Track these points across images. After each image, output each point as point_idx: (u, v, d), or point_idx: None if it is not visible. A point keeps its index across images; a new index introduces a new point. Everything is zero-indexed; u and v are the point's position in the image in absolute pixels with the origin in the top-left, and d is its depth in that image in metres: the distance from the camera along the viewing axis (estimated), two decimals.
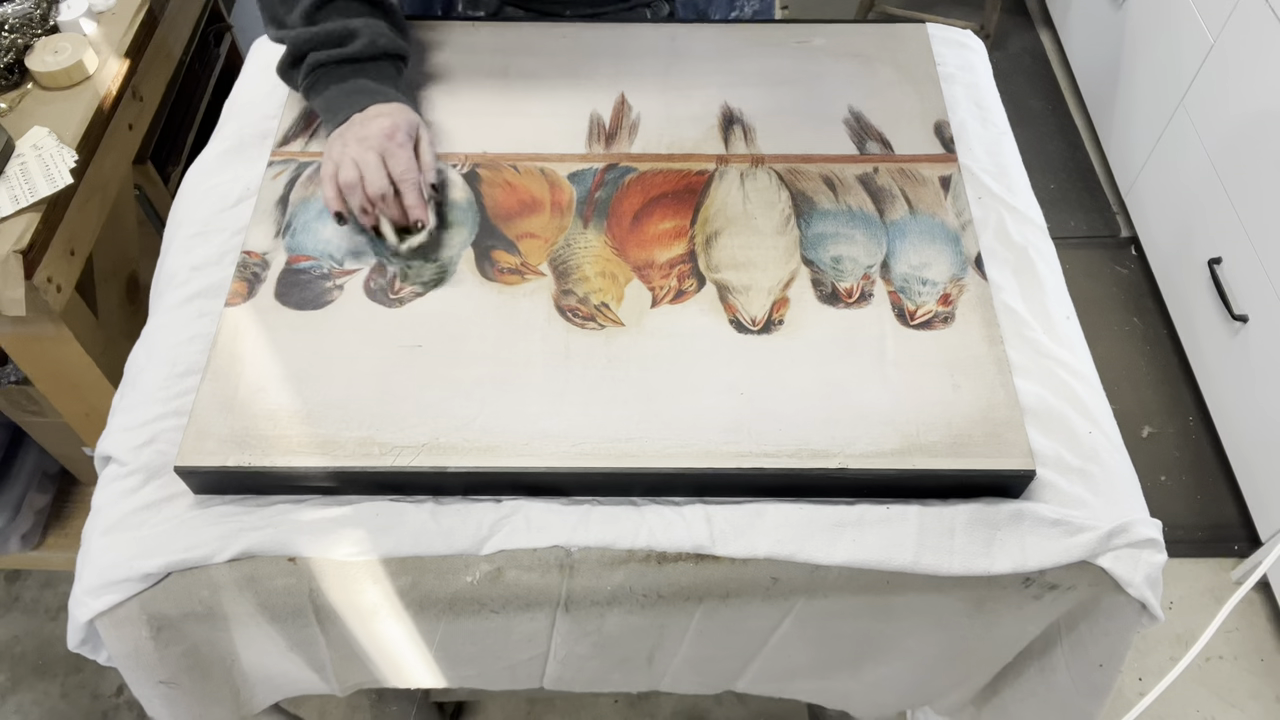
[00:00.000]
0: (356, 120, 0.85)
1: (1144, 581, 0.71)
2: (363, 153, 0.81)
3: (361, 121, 0.84)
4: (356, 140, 0.82)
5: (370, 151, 0.81)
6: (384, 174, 0.81)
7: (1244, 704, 1.51)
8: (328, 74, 0.88)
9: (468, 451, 0.72)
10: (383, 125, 0.82)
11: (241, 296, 0.81)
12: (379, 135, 0.82)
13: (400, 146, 0.82)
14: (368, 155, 0.81)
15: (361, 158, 0.81)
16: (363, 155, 0.81)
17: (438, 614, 0.75)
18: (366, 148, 0.81)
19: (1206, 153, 1.73)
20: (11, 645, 1.58)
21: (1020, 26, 2.65)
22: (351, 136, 0.83)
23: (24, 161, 1.07)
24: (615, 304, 0.81)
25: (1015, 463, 0.72)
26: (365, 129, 0.83)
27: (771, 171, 0.90)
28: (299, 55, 0.89)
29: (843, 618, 0.77)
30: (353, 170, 0.81)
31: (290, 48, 0.88)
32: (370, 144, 0.81)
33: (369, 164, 0.81)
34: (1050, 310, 0.84)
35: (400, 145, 0.82)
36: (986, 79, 1.06)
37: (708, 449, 0.73)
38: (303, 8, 0.87)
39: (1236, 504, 1.71)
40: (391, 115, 0.84)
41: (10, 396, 1.32)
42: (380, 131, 0.82)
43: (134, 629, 0.73)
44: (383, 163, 0.81)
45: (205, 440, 0.72)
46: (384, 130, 0.82)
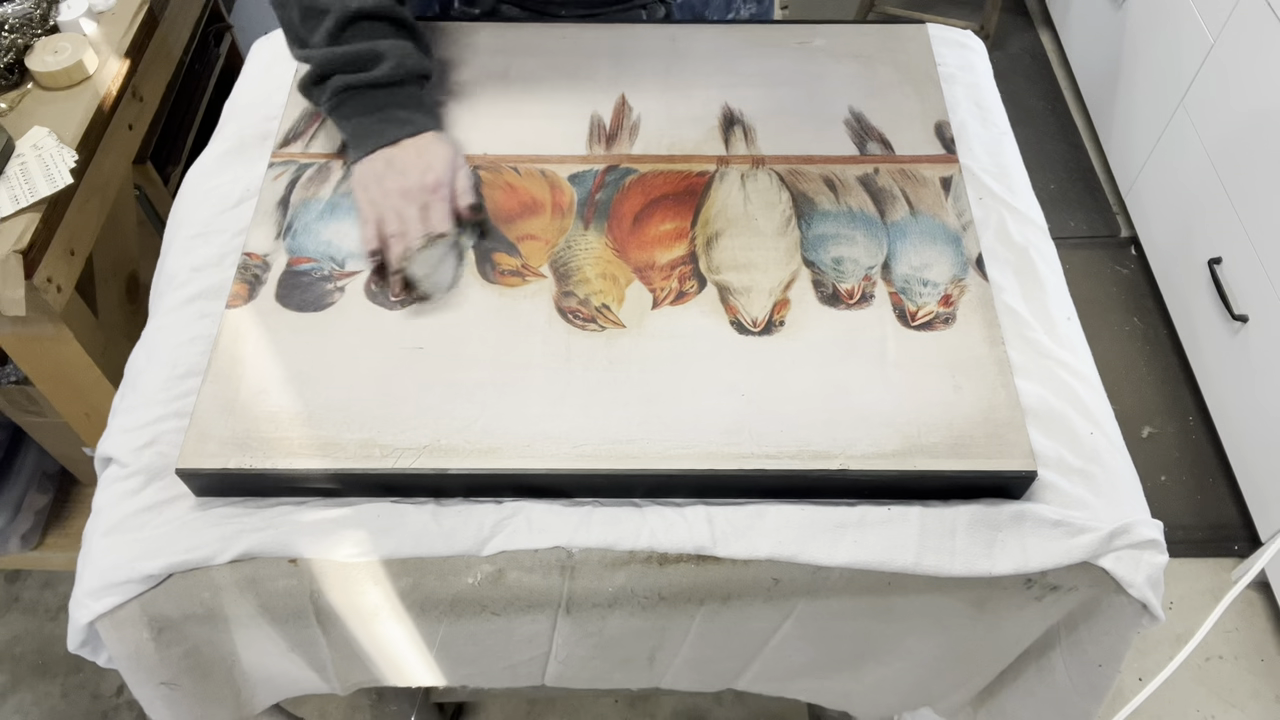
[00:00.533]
0: (388, 157, 0.84)
1: (1145, 582, 0.71)
2: (405, 205, 0.82)
3: (399, 166, 0.83)
4: (399, 192, 0.82)
5: (413, 205, 0.82)
6: (423, 227, 0.82)
7: (1244, 704, 1.51)
8: (353, 99, 0.86)
9: (469, 453, 0.72)
10: (425, 179, 0.83)
11: (242, 298, 0.81)
12: (422, 189, 0.83)
13: (442, 200, 0.83)
14: (409, 209, 0.82)
15: (404, 211, 0.82)
16: (405, 209, 0.82)
17: (439, 615, 0.75)
18: (409, 200, 0.82)
19: (1206, 153, 1.73)
20: (11, 645, 1.58)
21: (1020, 26, 2.65)
22: (393, 186, 0.83)
23: (24, 161, 1.07)
24: (616, 305, 0.81)
25: (1016, 464, 0.72)
26: (406, 178, 0.83)
27: (772, 172, 0.90)
28: (323, 76, 0.87)
29: (844, 619, 0.77)
30: (396, 223, 0.82)
31: (314, 68, 0.86)
32: (413, 197, 0.82)
33: (411, 218, 0.82)
34: (1051, 311, 0.84)
35: (442, 199, 0.83)
36: (987, 79, 1.05)
37: (709, 450, 0.73)
38: (326, 28, 0.85)
39: (1236, 504, 1.72)
40: (430, 161, 0.84)
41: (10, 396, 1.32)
42: (423, 185, 0.83)
43: (135, 630, 0.73)
44: (422, 214, 0.82)
45: (206, 442, 0.72)
46: (427, 184, 0.83)
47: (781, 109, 0.96)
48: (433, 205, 0.82)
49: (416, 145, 0.85)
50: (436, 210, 0.82)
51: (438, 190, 0.83)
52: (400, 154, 0.84)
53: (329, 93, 0.86)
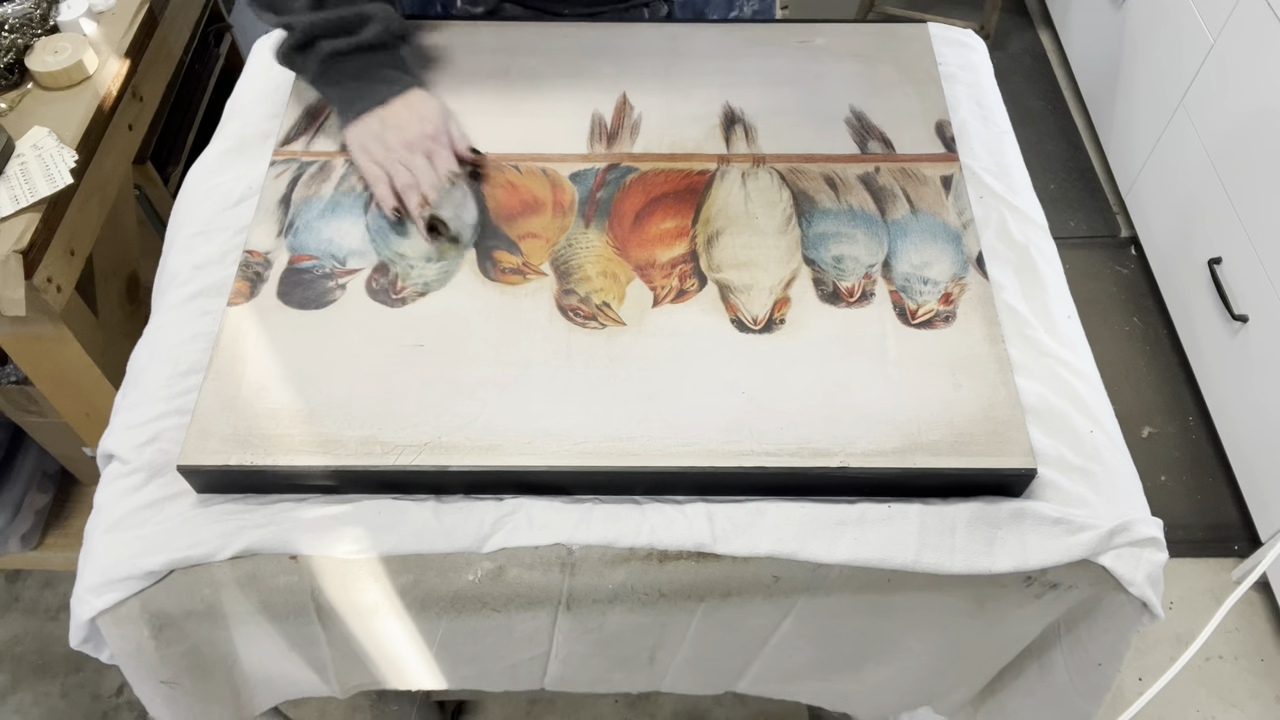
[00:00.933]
0: (382, 116, 0.87)
1: (1145, 580, 0.71)
2: (410, 156, 0.85)
3: (395, 122, 0.86)
4: (402, 145, 0.85)
5: (418, 155, 0.85)
6: (434, 173, 0.85)
7: (1244, 704, 1.51)
8: (341, 64, 0.88)
9: (469, 450, 0.72)
10: (425, 129, 0.86)
11: (244, 296, 0.81)
12: (422, 137, 0.85)
13: (444, 146, 0.86)
14: (416, 159, 0.85)
15: (411, 162, 0.85)
16: (411, 159, 0.85)
17: (439, 612, 0.75)
18: (414, 151, 0.85)
19: (1206, 153, 1.73)
20: (11, 645, 1.58)
21: (1020, 26, 2.66)
22: (395, 140, 0.85)
23: (24, 161, 1.07)
24: (617, 303, 0.81)
25: (1016, 461, 0.72)
26: (405, 132, 0.85)
27: (773, 171, 0.91)
28: (307, 42, 0.88)
29: (844, 616, 0.78)
30: (407, 175, 0.84)
31: (297, 34, 0.87)
32: (417, 147, 0.85)
33: (420, 167, 0.84)
34: (1051, 309, 0.85)
35: (443, 145, 0.86)
36: (988, 78, 1.06)
37: (709, 448, 0.73)
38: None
39: (1236, 504, 1.72)
40: (423, 113, 0.87)
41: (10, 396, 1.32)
42: (423, 134, 0.86)
43: (136, 627, 0.73)
44: (430, 162, 0.85)
45: (208, 439, 0.72)
46: (427, 133, 0.86)
47: (782, 108, 0.96)
48: (436, 151, 0.86)
49: (406, 101, 0.88)
50: (441, 155, 0.86)
51: (438, 138, 0.86)
52: (392, 112, 0.87)
53: (316, 59, 0.88)
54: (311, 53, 0.88)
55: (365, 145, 0.87)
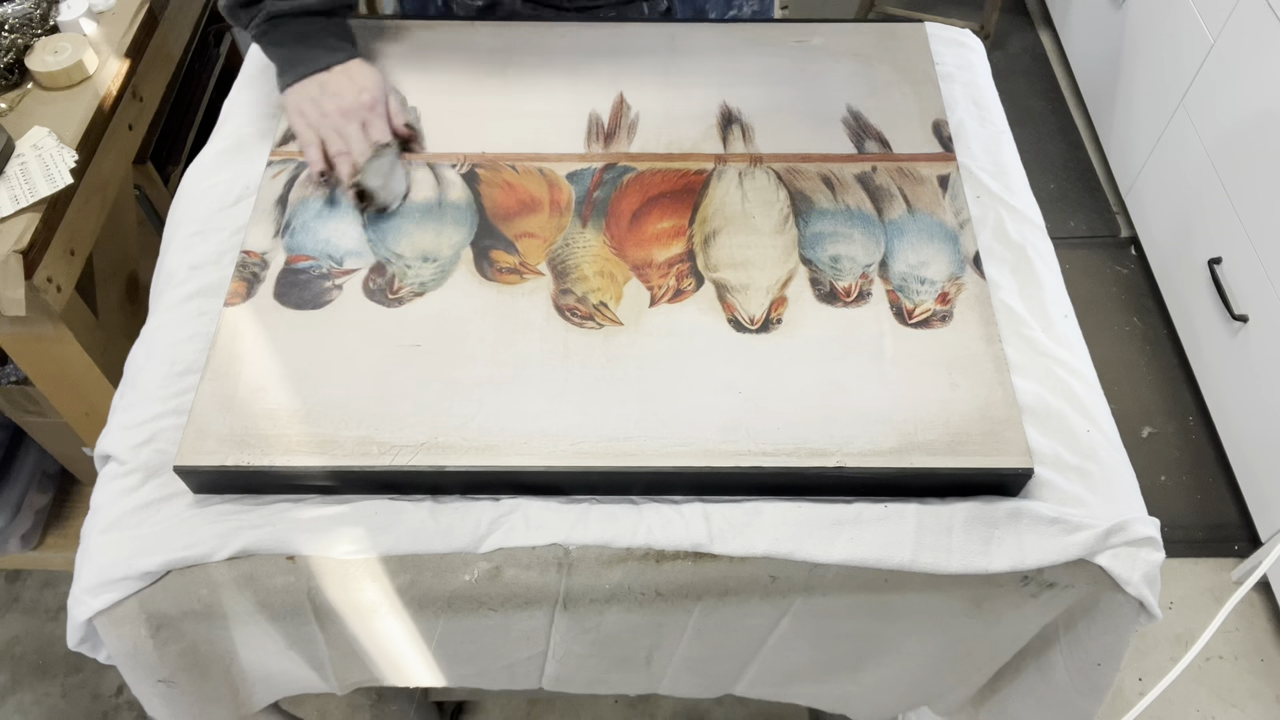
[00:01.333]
0: (321, 81, 0.90)
1: (1142, 580, 0.71)
2: (345, 124, 0.88)
3: (334, 89, 0.89)
4: (338, 112, 0.88)
5: (353, 123, 0.88)
6: (367, 142, 0.88)
7: (1244, 704, 1.51)
8: (284, 25, 0.90)
9: (466, 451, 0.72)
10: (362, 99, 0.89)
11: (241, 296, 0.81)
12: (359, 107, 0.89)
13: (379, 117, 0.90)
14: (350, 127, 0.88)
15: (344, 129, 0.88)
16: (345, 127, 0.88)
17: (436, 612, 0.75)
18: (349, 119, 0.88)
19: (1206, 153, 1.73)
20: (11, 645, 1.58)
21: (1020, 26, 2.66)
22: (331, 107, 0.88)
23: (24, 161, 1.07)
24: (614, 303, 0.81)
25: (1013, 461, 0.72)
26: (342, 99, 0.89)
27: (770, 171, 0.90)
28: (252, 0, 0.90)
29: (841, 617, 0.77)
30: (340, 142, 0.87)
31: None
32: (353, 115, 0.88)
33: (353, 135, 0.87)
34: (1048, 309, 0.85)
35: (379, 116, 0.90)
36: (985, 78, 1.06)
37: (706, 448, 0.73)
38: None
39: (1236, 504, 1.71)
40: (363, 85, 0.90)
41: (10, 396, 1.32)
42: (360, 104, 0.89)
43: (133, 627, 0.73)
44: (364, 131, 0.88)
45: (204, 439, 0.72)
46: (364, 103, 0.89)
47: (780, 107, 0.96)
48: (371, 121, 0.89)
49: (347, 70, 0.91)
50: (376, 125, 0.89)
51: (374, 108, 0.89)
52: (332, 79, 0.90)
53: (260, 17, 0.90)
54: (256, 10, 0.90)
55: (302, 109, 0.89)
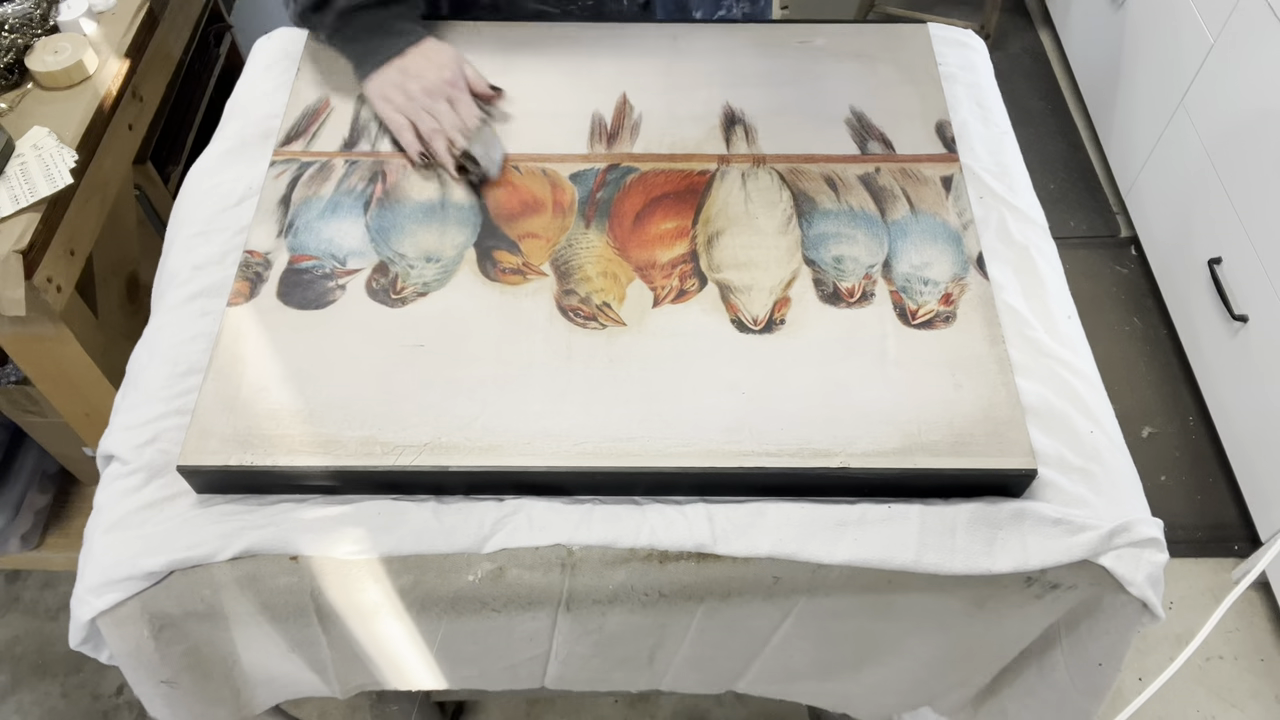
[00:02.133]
0: (400, 66, 0.91)
1: (1145, 580, 0.71)
2: (433, 103, 0.90)
3: (414, 71, 0.91)
4: (423, 92, 0.90)
5: (440, 101, 0.90)
6: (457, 116, 0.90)
7: (1244, 704, 1.51)
8: (358, 19, 0.92)
9: (470, 451, 0.72)
10: (444, 76, 0.91)
11: (244, 296, 0.81)
12: (443, 84, 0.91)
13: (463, 92, 0.92)
14: (439, 105, 0.90)
15: (433, 108, 0.90)
16: (434, 105, 0.90)
17: (439, 613, 0.75)
18: (435, 97, 0.90)
19: (1206, 153, 1.73)
20: (11, 645, 1.57)
21: (1020, 26, 2.66)
22: (416, 89, 0.90)
23: (24, 161, 1.07)
24: (617, 304, 0.81)
25: (1017, 462, 0.72)
26: (425, 79, 0.90)
27: (773, 171, 0.90)
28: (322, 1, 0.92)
29: (844, 617, 0.77)
30: (431, 120, 0.89)
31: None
32: (438, 93, 0.90)
33: (443, 112, 0.90)
34: (1052, 309, 0.85)
35: (463, 90, 0.92)
36: (988, 78, 1.06)
37: (709, 448, 0.73)
38: None
39: (1236, 504, 1.72)
40: (440, 61, 0.92)
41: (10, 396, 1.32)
42: (442, 80, 0.91)
43: (135, 628, 0.73)
44: (451, 107, 0.90)
45: (207, 440, 0.72)
46: (446, 79, 0.91)
47: (782, 108, 0.96)
48: (457, 97, 0.91)
49: (422, 51, 0.93)
50: (463, 100, 0.91)
51: (456, 83, 0.91)
52: (411, 62, 0.92)
53: (332, 15, 0.91)
54: (327, 10, 0.92)
55: (387, 95, 0.91)
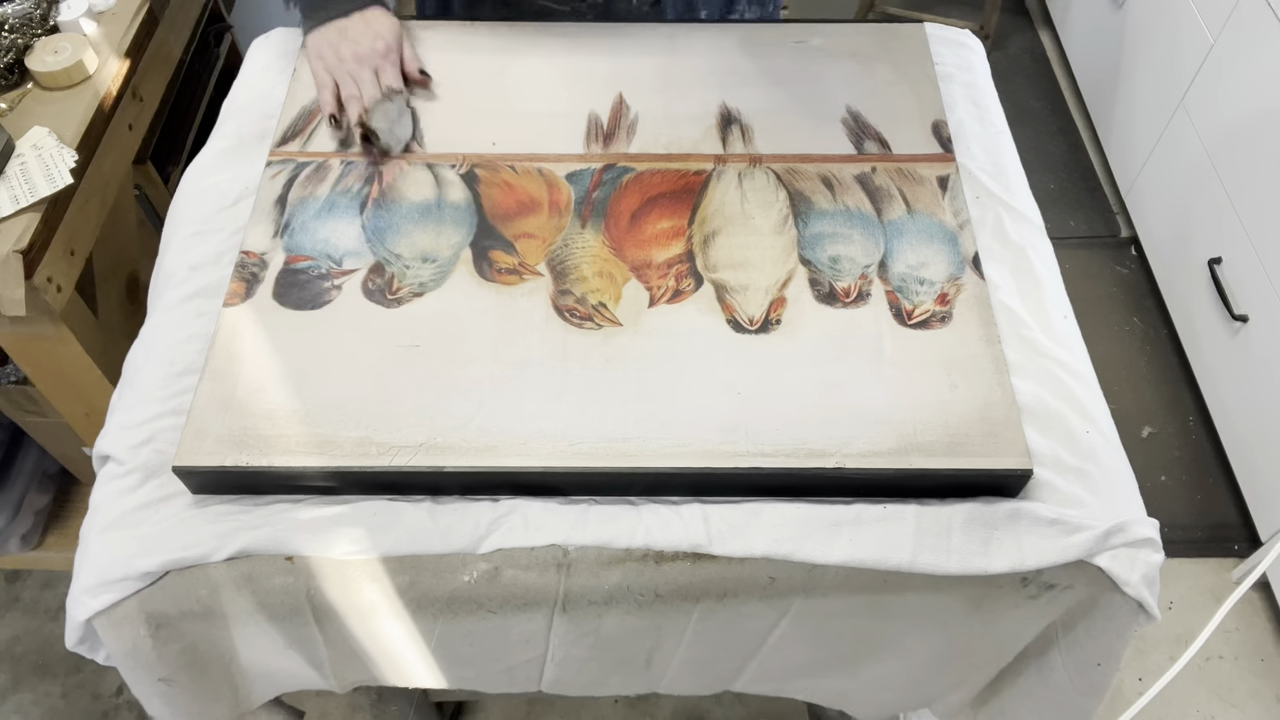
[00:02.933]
0: (341, 26, 0.95)
1: (1141, 581, 0.71)
2: (359, 69, 0.93)
3: (352, 35, 0.94)
4: (354, 58, 0.93)
5: (366, 68, 0.93)
6: (378, 87, 0.92)
7: (1244, 704, 1.51)
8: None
9: (465, 451, 0.72)
10: (377, 46, 0.94)
11: (240, 296, 0.81)
12: (373, 53, 0.93)
13: (393, 65, 0.94)
14: (364, 72, 0.92)
15: (358, 74, 0.92)
16: (359, 72, 0.92)
17: (435, 613, 0.75)
18: (363, 64, 0.93)
19: (1206, 153, 1.73)
20: (11, 645, 1.58)
21: (1020, 26, 2.65)
22: (348, 52, 0.93)
23: (24, 161, 1.07)
24: (613, 304, 0.81)
25: (1012, 462, 0.72)
26: (358, 45, 0.94)
27: (769, 171, 0.90)
28: None
29: (840, 617, 0.77)
30: (352, 85, 0.92)
31: None
32: (366, 61, 0.93)
33: (365, 80, 0.92)
34: (1048, 309, 0.84)
35: (393, 64, 0.94)
36: (985, 79, 1.05)
37: (705, 448, 0.73)
38: None
39: (1236, 504, 1.71)
40: (379, 31, 0.95)
41: (10, 396, 1.32)
42: (374, 50, 0.94)
43: (132, 628, 0.73)
44: (376, 77, 0.93)
45: (203, 440, 0.72)
46: (378, 50, 0.94)
47: (779, 108, 0.96)
48: (384, 68, 0.94)
49: (365, 17, 0.96)
50: (388, 72, 0.94)
51: (388, 55, 0.94)
52: (351, 24, 0.95)
53: None
54: None
55: (320, 52, 0.94)
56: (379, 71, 0.93)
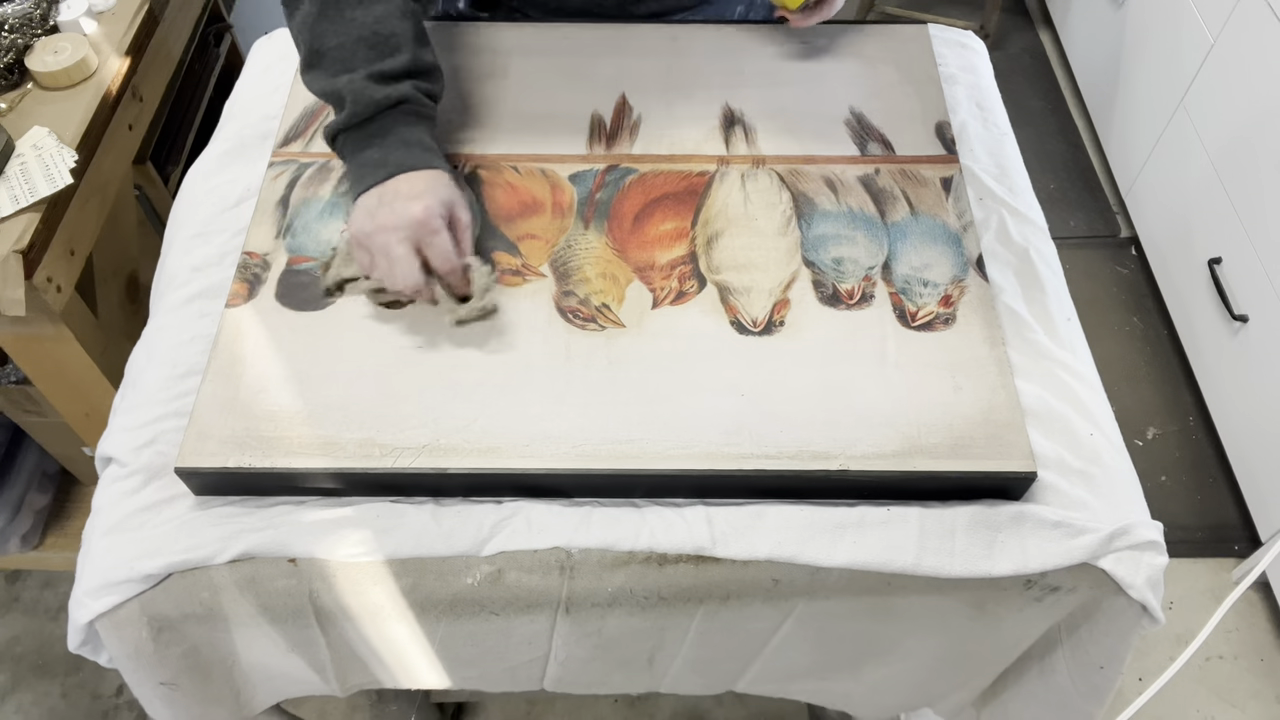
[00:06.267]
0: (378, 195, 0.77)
1: (1145, 584, 0.71)
2: (393, 244, 0.75)
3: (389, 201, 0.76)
4: (385, 230, 0.75)
5: (402, 244, 0.75)
6: (416, 266, 0.75)
7: (1244, 704, 1.51)
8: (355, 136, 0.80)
9: (468, 453, 0.72)
10: (414, 211, 0.75)
11: (242, 297, 0.81)
12: (411, 223, 0.75)
13: (434, 233, 0.75)
14: (398, 248, 0.75)
15: (391, 250, 0.75)
16: (392, 247, 0.75)
17: (438, 615, 0.74)
18: (399, 238, 0.75)
19: (1206, 153, 1.73)
20: (11, 645, 1.58)
21: (1020, 26, 2.65)
22: (382, 221, 0.75)
23: (24, 161, 1.07)
24: (616, 305, 0.81)
25: (1016, 465, 0.72)
26: (393, 215, 0.75)
27: (772, 172, 0.90)
28: None
29: (843, 619, 0.77)
30: (384, 264, 0.75)
31: None
32: (403, 234, 0.75)
33: (399, 258, 0.75)
34: (1051, 312, 0.84)
35: (434, 232, 0.75)
36: (988, 80, 1.05)
37: (709, 450, 0.73)
38: None
39: (1236, 504, 1.72)
40: (422, 195, 0.76)
41: (10, 396, 1.32)
42: (412, 219, 0.75)
43: (134, 630, 0.73)
44: (417, 254, 0.76)
45: (206, 441, 0.72)
46: (416, 217, 0.75)
47: (782, 109, 0.96)
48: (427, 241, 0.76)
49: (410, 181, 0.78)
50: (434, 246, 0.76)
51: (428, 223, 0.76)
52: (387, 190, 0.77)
53: None
54: None
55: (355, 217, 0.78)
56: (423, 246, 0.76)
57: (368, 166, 0.78)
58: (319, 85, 0.81)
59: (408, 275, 0.75)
